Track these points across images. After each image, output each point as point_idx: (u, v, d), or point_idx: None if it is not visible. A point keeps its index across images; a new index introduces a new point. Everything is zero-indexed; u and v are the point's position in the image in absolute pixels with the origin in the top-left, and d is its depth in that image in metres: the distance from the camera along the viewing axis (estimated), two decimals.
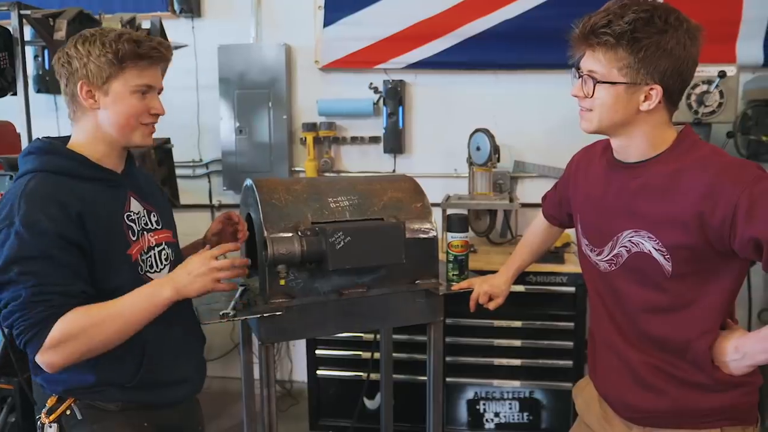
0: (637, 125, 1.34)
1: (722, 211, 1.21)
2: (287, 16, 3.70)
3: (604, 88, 1.32)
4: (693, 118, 2.71)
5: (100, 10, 2.69)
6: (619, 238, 1.39)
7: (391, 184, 1.97)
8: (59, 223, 1.35)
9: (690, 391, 1.36)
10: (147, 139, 1.55)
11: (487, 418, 3.09)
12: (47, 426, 1.50)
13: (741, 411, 1.37)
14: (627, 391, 1.44)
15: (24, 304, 1.31)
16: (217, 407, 3.75)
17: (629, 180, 1.39)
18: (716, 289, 1.33)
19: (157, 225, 1.61)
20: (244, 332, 2.32)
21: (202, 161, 3.90)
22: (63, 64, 1.46)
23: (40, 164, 1.43)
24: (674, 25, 1.27)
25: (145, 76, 1.48)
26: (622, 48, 1.27)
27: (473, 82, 3.56)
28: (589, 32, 1.30)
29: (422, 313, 1.92)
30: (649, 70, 1.28)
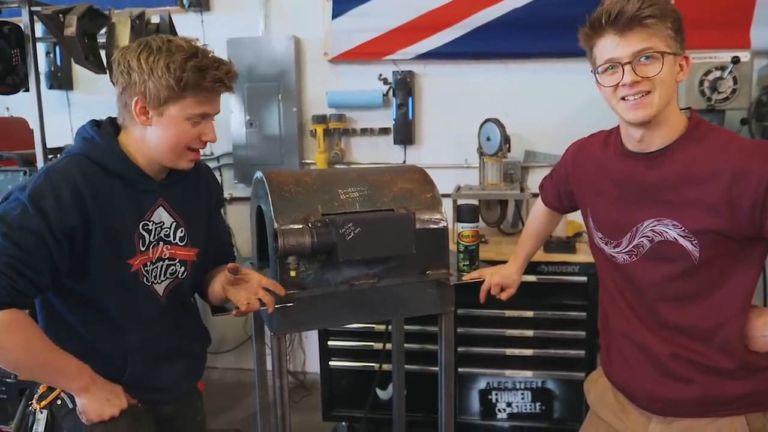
0: (672, 103, 1.34)
1: (752, 192, 1.21)
2: (296, 9, 3.70)
3: (662, 62, 1.29)
4: (706, 105, 2.68)
5: (110, 5, 2.69)
6: (639, 229, 1.39)
7: (401, 175, 1.96)
8: (63, 209, 1.33)
9: (716, 378, 1.35)
10: (189, 165, 1.53)
11: (500, 408, 3.09)
12: (38, 412, 1.52)
13: (764, 396, 1.36)
14: (650, 382, 1.43)
15: None
16: (230, 398, 3.79)
17: (647, 170, 1.37)
18: (743, 272, 1.32)
19: (180, 241, 1.59)
20: (256, 324, 2.33)
21: (213, 155, 3.91)
22: (122, 72, 1.42)
23: (81, 147, 1.44)
24: None
25: (204, 106, 1.46)
26: (661, 21, 1.29)
27: (483, 71, 3.54)
28: (633, 14, 1.28)
29: (433, 304, 1.92)
30: (681, 38, 1.31)
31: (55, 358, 1.38)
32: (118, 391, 1.49)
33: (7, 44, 2.44)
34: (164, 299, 1.58)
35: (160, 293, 1.57)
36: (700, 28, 3.21)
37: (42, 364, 1.38)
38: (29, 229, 1.30)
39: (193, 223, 1.63)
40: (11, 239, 1.29)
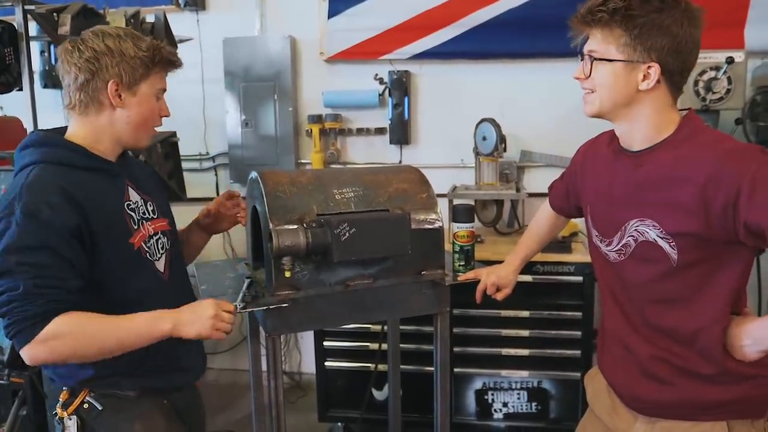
0: (639, 107, 1.33)
1: (724, 197, 1.19)
2: (291, 8, 3.69)
3: (602, 67, 1.32)
4: (701, 105, 2.68)
5: (104, 4, 2.68)
6: (627, 228, 1.39)
7: (397, 175, 1.96)
8: (61, 212, 1.35)
9: (697, 383, 1.35)
10: (150, 141, 1.63)
11: (496, 408, 3.09)
12: (67, 419, 1.50)
13: (750, 404, 1.35)
14: (634, 382, 1.44)
15: (23, 295, 1.30)
16: (226, 399, 3.78)
17: (634, 168, 1.37)
18: (725, 277, 1.30)
19: (153, 214, 1.63)
20: (251, 324, 2.33)
21: (209, 154, 3.91)
22: (88, 59, 1.43)
23: (39, 156, 1.43)
24: (671, 4, 1.28)
25: (164, 80, 1.56)
26: (616, 24, 1.29)
27: (479, 71, 3.54)
28: (586, 13, 1.33)
29: (429, 304, 1.91)
30: (646, 47, 1.28)
31: (126, 325, 1.39)
32: (216, 305, 1.48)
33: (1, 43, 2.43)
34: (166, 275, 1.62)
35: (161, 270, 1.61)
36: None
37: (121, 338, 1.39)
38: (37, 246, 1.32)
39: (156, 196, 1.69)
40: (26, 263, 1.31)
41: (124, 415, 1.54)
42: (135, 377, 1.55)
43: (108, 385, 1.53)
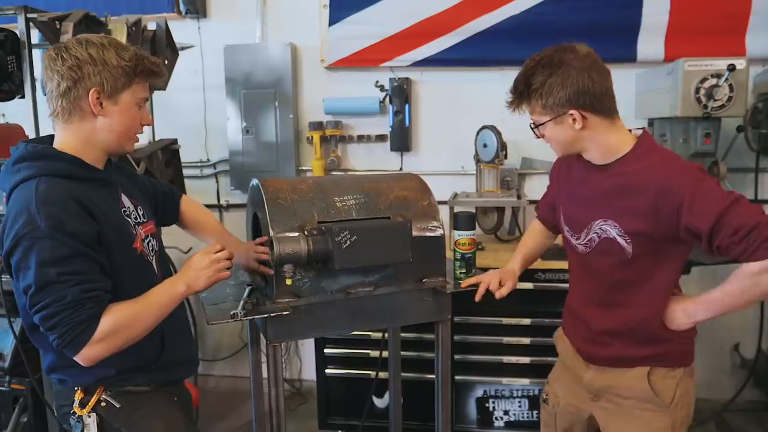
0: (586, 140, 1.65)
1: (671, 205, 1.51)
2: (292, 16, 3.70)
3: (544, 129, 1.67)
4: (702, 113, 2.68)
5: (106, 12, 2.69)
6: (592, 226, 1.70)
7: (397, 182, 1.96)
8: (81, 222, 1.39)
9: (632, 344, 1.71)
10: (133, 148, 1.63)
11: (497, 416, 3.08)
12: (86, 417, 1.53)
13: (669, 357, 1.72)
14: (586, 344, 1.83)
15: (72, 302, 1.36)
16: (226, 406, 3.77)
17: (601, 179, 1.67)
18: (666, 267, 1.65)
19: (144, 218, 1.66)
20: (252, 332, 2.32)
21: (210, 161, 3.91)
22: (71, 66, 1.43)
23: (39, 170, 1.43)
24: (557, 64, 1.58)
25: (146, 90, 1.57)
26: (529, 100, 1.64)
27: (480, 79, 3.54)
28: (510, 102, 1.69)
29: (430, 312, 1.92)
30: (558, 103, 1.59)
31: (152, 299, 1.49)
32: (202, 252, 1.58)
33: (3, 51, 2.43)
34: (160, 275, 1.67)
35: (156, 269, 1.66)
36: (697, 36, 3.23)
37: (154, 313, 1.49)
38: (70, 255, 1.36)
39: (142, 201, 1.72)
40: (67, 273, 1.36)
41: (143, 412, 1.58)
42: (150, 371, 1.60)
43: (123, 380, 1.56)
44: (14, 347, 2.52)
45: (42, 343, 1.54)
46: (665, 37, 3.27)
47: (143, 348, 1.54)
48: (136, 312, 1.45)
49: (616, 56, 3.35)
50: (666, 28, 3.27)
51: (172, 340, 1.64)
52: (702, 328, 1.76)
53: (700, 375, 3.57)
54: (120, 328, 1.42)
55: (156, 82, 1.60)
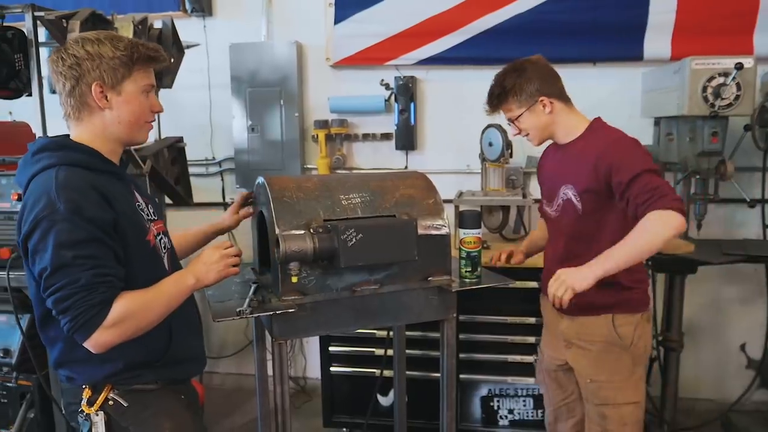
0: (554, 123, 2.10)
1: (605, 165, 1.92)
2: (298, 14, 3.71)
3: (521, 120, 2.09)
4: (709, 111, 2.67)
5: (113, 10, 2.70)
6: (559, 192, 2.10)
7: (403, 180, 1.96)
8: (100, 208, 1.42)
9: (594, 292, 1.88)
10: (147, 136, 1.65)
11: (501, 415, 3.08)
12: (93, 415, 1.54)
13: (630, 304, 2.08)
14: None
15: (85, 286, 1.37)
16: (231, 404, 3.78)
17: (564, 153, 2.12)
18: (611, 221, 2.00)
19: (154, 215, 1.68)
20: (257, 329, 2.32)
21: (215, 159, 3.92)
22: (71, 66, 1.47)
23: (58, 159, 1.47)
24: (521, 68, 2.06)
25: (150, 77, 1.58)
26: (505, 99, 2.08)
27: (485, 77, 3.45)
28: (489, 107, 2.15)
29: (435, 310, 1.91)
30: (529, 94, 2.05)
31: (163, 290, 1.52)
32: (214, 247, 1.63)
33: (11, 49, 2.45)
34: (170, 272, 1.66)
35: (167, 267, 1.66)
36: (703, 35, 3.22)
37: (164, 302, 1.51)
38: (86, 239, 1.39)
39: (151, 199, 1.75)
40: (82, 256, 1.38)
41: (151, 411, 1.58)
42: (157, 368, 1.59)
43: (131, 378, 1.57)
44: (21, 343, 2.53)
45: (51, 335, 1.55)
46: (672, 36, 3.26)
47: (151, 340, 1.54)
48: (147, 300, 1.47)
49: (622, 55, 3.35)
50: (673, 26, 3.25)
51: (180, 334, 1.64)
52: (709, 328, 1.79)
53: (707, 375, 3.58)
54: (131, 314, 1.43)
55: (157, 67, 1.60)
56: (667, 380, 3.11)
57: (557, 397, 2.35)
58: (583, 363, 2.14)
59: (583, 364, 2.14)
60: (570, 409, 2.33)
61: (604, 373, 2.09)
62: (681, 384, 3.16)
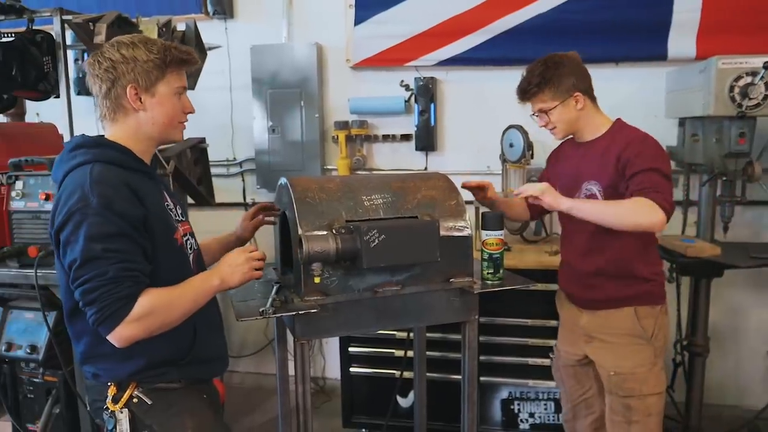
0: (581, 120, 2.14)
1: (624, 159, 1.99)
2: (318, 16, 3.72)
3: (553, 113, 2.11)
4: (737, 111, 2.62)
5: (137, 13, 2.73)
6: (581, 188, 2.14)
7: (425, 182, 1.96)
8: (131, 204, 1.45)
9: (614, 285, 2.10)
10: (181, 136, 1.71)
11: (522, 419, 3.06)
12: (118, 413, 1.57)
13: (650, 296, 2.13)
14: (577, 290, 2.23)
15: (113, 279, 1.40)
16: (251, 403, 3.80)
17: (587, 151, 2.16)
18: None
19: (182, 217, 1.71)
20: (279, 329, 2.34)
21: (236, 160, 3.95)
22: (107, 69, 1.53)
23: (93, 156, 1.52)
24: (559, 62, 2.08)
25: (182, 79, 1.63)
26: (544, 89, 2.08)
27: (506, 77, 3.47)
28: (523, 94, 2.14)
29: (457, 312, 1.91)
30: (565, 89, 2.07)
31: (188, 289, 1.54)
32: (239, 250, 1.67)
33: (39, 52, 2.49)
34: (195, 271, 1.68)
35: (192, 267, 1.68)
36: (730, 33, 3.16)
37: (190, 300, 1.53)
38: (117, 234, 1.42)
39: (179, 201, 1.77)
40: (112, 250, 1.41)
41: (174, 410, 1.60)
42: (181, 367, 1.61)
43: (155, 376, 1.59)
44: (48, 340, 2.57)
45: (78, 329, 1.57)
46: (697, 34, 3.21)
47: (176, 338, 1.56)
48: (172, 298, 1.49)
49: (645, 54, 3.31)
50: (698, 24, 3.21)
51: (204, 333, 1.66)
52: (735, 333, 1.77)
53: (732, 381, 3.52)
54: (155, 310, 1.45)
55: (189, 69, 1.65)
56: (692, 386, 3.06)
57: (575, 393, 2.37)
58: (606, 356, 2.16)
59: (606, 358, 2.17)
60: (588, 404, 2.36)
61: (628, 365, 2.11)
62: (706, 390, 3.11)
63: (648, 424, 2.13)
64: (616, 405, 2.15)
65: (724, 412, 3.45)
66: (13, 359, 2.66)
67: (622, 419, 2.14)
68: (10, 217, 2.70)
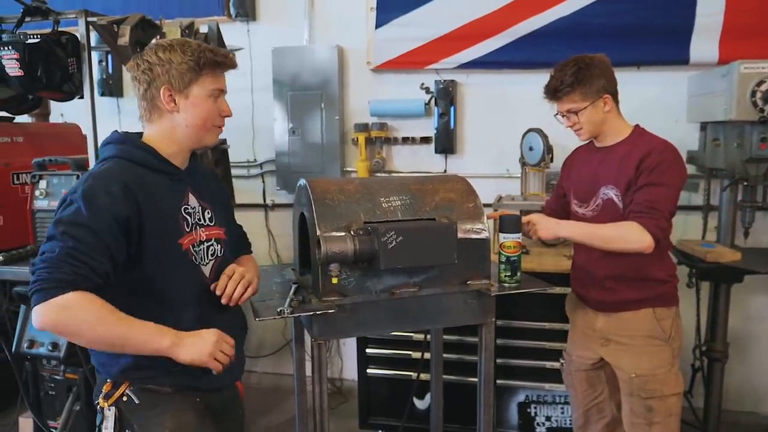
0: (607, 122, 2.14)
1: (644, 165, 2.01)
2: (339, 18, 3.75)
3: (582, 113, 2.10)
4: (758, 117, 2.59)
5: (161, 15, 2.77)
6: (599, 193, 2.15)
7: (443, 184, 1.96)
8: (115, 201, 1.45)
9: (632, 288, 2.12)
10: (215, 139, 1.70)
11: (539, 422, 3.04)
12: (106, 409, 1.58)
13: (666, 297, 2.16)
14: (594, 292, 2.22)
15: (54, 259, 1.39)
16: (268, 403, 3.82)
17: (606, 156, 2.17)
18: None
19: (209, 222, 1.69)
20: (296, 329, 2.36)
21: (257, 161, 3.98)
22: (144, 70, 1.57)
23: (117, 152, 1.57)
24: (590, 63, 2.08)
25: (219, 81, 1.63)
26: (576, 89, 2.08)
27: (526, 81, 3.51)
28: (553, 92, 2.12)
29: (473, 314, 1.91)
30: (595, 90, 2.08)
31: (133, 326, 1.44)
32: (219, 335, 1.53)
33: (65, 53, 2.54)
34: (210, 280, 1.66)
35: (207, 274, 1.66)
36: (753, 37, 3.13)
37: (122, 334, 1.43)
38: (83, 224, 1.42)
39: (215, 206, 1.74)
40: (68, 234, 1.41)
41: (157, 410, 1.59)
42: (172, 374, 1.58)
43: (147, 378, 1.58)
44: None
45: None
46: (720, 38, 3.18)
47: None
48: (105, 315, 1.41)
49: (667, 58, 3.28)
50: (721, 28, 3.18)
51: None
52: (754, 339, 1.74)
53: (752, 387, 3.47)
54: (77, 309, 1.38)
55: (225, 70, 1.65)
56: (710, 391, 3.02)
57: (587, 397, 2.37)
58: (626, 359, 2.16)
59: (625, 360, 2.16)
60: (600, 409, 2.35)
61: (648, 367, 2.12)
62: (725, 396, 3.07)
63: (669, 425, 2.14)
64: (637, 407, 2.14)
65: (742, 419, 3.41)
66: (35, 356, 2.71)
67: (643, 421, 2.13)
68: (34, 216, 2.76)
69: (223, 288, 1.61)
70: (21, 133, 3.11)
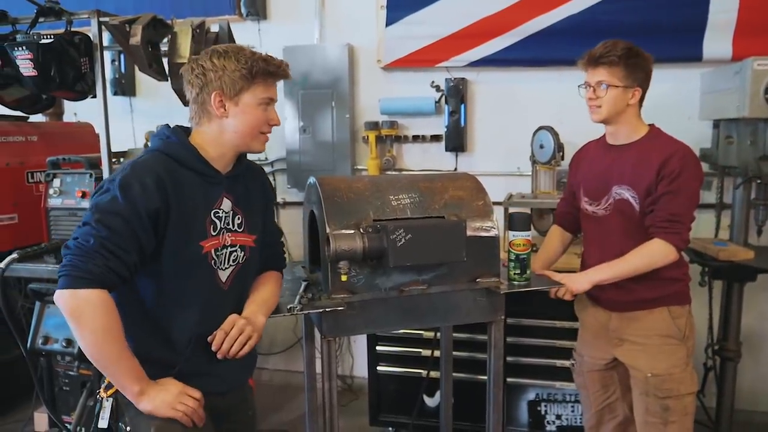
0: (624, 115, 2.10)
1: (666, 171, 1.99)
2: (350, 17, 3.75)
3: (610, 90, 2.05)
4: None
5: (172, 15, 2.79)
6: (610, 192, 2.13)
7: (453, 182, 1.96)
8: (147, 193, 1.48)
9: (641, 286, 2.09)
10: (262, 147, 1.71)
11: (549, 420, 3.04)
12: (105, 400, 1.64)
13: (679, 295, 2.16)
14: (609, 292, 2.16)
15: (88, 249, 1.43)
16: (279, 399, 3.85)
17: (619, 154, 2.14)
18: None
19: (238, 228, 1.69)
20: (307, 327, 2.37)
21: (268, 159, 3.99)
22: (198, 75, 1.60)
23: (158, 145, 1.62)
24: (639, 51, 2.07)
25: (270, 90, 1.66)
26: (619, 64, 2.04)
27: (537, 79, 3.50)
28: (599, 57, 2.05)
29: (483, 312, 1.91)
30: (634, 78, 2.06)
31: (122, 355, 1.48)
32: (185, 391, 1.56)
33: (77, 53, 2.56)
34: (227, 285, 1.66)
35: (223, 279, 1.66)
36: (765, 34, 3.10)
37: (108, 357, 1.48)
38: (118, 213, 1.46)
39: (250, 213, 1.74)
40: (103, 223, 1.45)
41: None
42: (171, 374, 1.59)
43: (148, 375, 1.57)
44: None
45: None
46: (733, 35, 3.15)
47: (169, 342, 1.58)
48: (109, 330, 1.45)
49: (680, 55, 3.26)
50: (734, 25, 3.15)
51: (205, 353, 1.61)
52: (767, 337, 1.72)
53: (765, 386, 3.44)
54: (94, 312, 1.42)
55: (278, 80, 1.68)
56: (723, 391, 3.01)
57: (600, 398, 2.36)
58: (641, 358, 2.15)
59: (640, 360, 2.15)
60: (612, 409, 2.35)
61: (664, 366, 2.11)
62: (738, 395, 3.05)
63: (684, 424, 2.14)
64: (653, 406, 2.13)
65: (755, 418, 3.38)
66: (50, 353, 2.74)
67: (658, 420, 2.13)
68: (48, 214, 2.79)
69: (219, 343, 1.60)
70: (35, 132, 3.15)
